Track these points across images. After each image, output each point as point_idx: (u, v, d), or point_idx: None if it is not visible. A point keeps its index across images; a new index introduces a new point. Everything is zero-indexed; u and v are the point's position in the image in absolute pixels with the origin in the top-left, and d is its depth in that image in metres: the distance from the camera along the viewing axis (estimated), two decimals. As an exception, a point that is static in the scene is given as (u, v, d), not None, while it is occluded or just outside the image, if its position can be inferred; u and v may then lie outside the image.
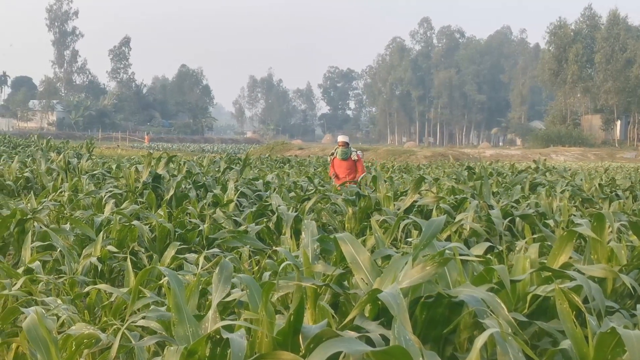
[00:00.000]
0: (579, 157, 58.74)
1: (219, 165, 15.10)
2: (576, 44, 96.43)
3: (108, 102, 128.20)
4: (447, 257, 3.14)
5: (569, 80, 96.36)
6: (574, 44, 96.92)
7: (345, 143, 13.99)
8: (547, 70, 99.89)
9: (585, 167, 33.24)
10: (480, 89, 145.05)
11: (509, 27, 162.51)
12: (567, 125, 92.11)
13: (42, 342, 3.09)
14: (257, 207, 8.90)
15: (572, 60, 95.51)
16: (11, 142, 34.04)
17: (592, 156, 59.21)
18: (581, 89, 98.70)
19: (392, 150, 52.37)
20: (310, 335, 2.55)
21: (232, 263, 3.21)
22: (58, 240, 5.93)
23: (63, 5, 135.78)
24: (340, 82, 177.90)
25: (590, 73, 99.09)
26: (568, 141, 78.43)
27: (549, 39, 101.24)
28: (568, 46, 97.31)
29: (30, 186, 12.58)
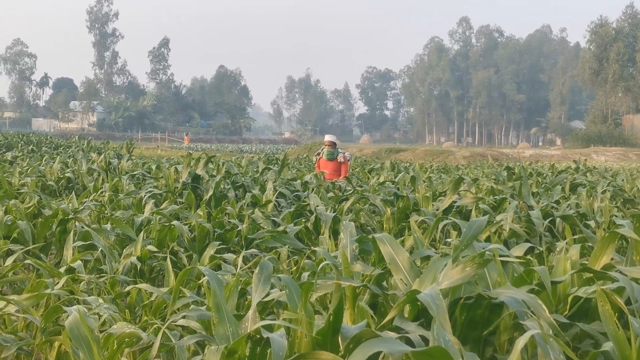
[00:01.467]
0: (620, 157, 57.96)
1: (257, 165, 15.13)
2: (617, 43, 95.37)
3: (147, 103, 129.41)
4: (487, 258, 3.12)
5: (609, 80, 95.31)
6: (615, 42, 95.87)
7: (332, 143, 13.84)
8: (588, 70, 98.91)
9: (626, 168, 32.79)
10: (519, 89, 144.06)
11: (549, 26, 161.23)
12: (608, 125, 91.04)
13: (85, 341, 3.13)
14: (295, 207, 8.92)
15: (613, 60, 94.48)
16: (52, 142, 34.42)
17: (634, 156, 58.37)
18: (622, 88, 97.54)
19: (430, 151, 52.13)
20: (349, 336, 2.55)
21: (271, 263, 3.22)
22: (99, 240, 5.99)
23: (103, 7, 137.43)
24: (378, 82, 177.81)
25: (631, 72, 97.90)
26: (609, 141, 77.52)
27: (590, 37, 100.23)
28: (609, 45, 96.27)
29: (71, 186, 12.71)
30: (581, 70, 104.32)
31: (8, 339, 3.73)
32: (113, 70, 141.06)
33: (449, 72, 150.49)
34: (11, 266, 5.23)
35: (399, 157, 43.74)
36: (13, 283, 5.69)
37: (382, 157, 43.07)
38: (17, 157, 22.34)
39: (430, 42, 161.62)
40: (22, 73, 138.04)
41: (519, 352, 2.36)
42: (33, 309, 4.01)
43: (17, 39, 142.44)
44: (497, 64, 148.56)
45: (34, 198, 8.54)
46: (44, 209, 7.90)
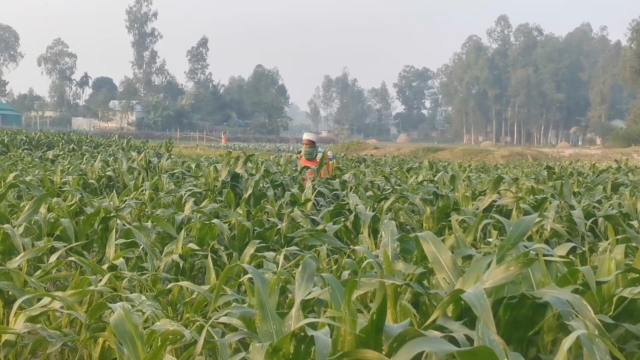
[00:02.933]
0: (662, 156, 57.12)
1: (295, 164, 15.16)
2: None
3: (186, 103, 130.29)
4: (531, 257, 3.09)
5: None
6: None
7: (309, 142, 12.81)
8: (629, 68, 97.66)
9: (668, 167, 32.32)
10: (558, 88, 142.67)
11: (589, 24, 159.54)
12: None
13: (129, 337, 3.16)
14: (334, 206, 8.92)
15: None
16: (93, 141, 34.83)
17: (676, 156, 57.49)
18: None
19: (468, 150, 51.86)
20: (393, 334, 2.54)
21: (313, 262, 3.22)
22: (141, 238, 6.05)
23: (142, 7, 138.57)
24: (416, 81, 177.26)
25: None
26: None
27: (631, 36, 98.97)
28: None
29: (112, 185, 12.83)
30: (622, 69, 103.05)
31: (53, 334, 3.78)
32: (152, 69, 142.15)
33: (487, 71, 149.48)
34: (55, 263, 5.29)
35: (437, 157, 43.57)
36: (56, 280, 5.76)
37: (420, 157, 42.91)
38: (58, 155, 22.65)
39: (468, 41, 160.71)
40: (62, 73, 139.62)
41: (565, 353, 2.34)
42: (77, 306, 4.05)
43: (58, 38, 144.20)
44: (536, 63, 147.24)
45: (76, 196, 8.64)
46: (85, 207, 7.98)
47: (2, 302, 4.51)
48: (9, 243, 5.79)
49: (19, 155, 23.76)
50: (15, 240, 5.65)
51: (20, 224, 6.34)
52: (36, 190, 7.96)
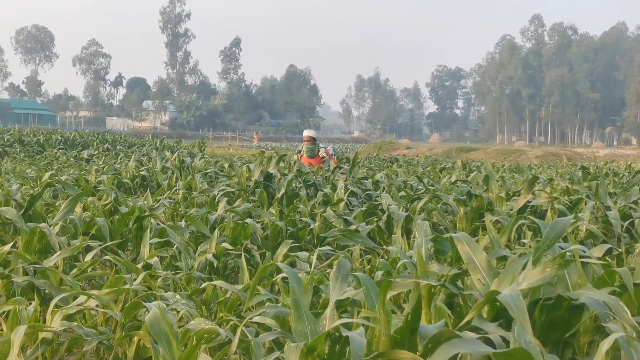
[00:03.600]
0: (699, 157, 56.38)
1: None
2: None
3: (218, 102, 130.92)
4: (568, 259, 3.07)
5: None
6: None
7: (311, 138, 12.84)
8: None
9: None
10: (593, 87, 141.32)
11: (624, 23, 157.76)
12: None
13: (164, 336, 3.18)
14: (367, 206, 8.91)
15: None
16: (127, 141, 35.10)
17: None
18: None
19: (501, 150, 51.50)
20: (428, 335, 2.53)
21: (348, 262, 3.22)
22: (175, 237, 6.08)
23: (176, 7, 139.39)
24: (449, 80, 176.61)
25: None
26: (687, 141, 75.45)
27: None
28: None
29: (146, 184, 12.92)
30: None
31: (89, 333, 3.81)
32: (185, 69, 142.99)
33: (520, 71, 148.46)
34: (90, 262, 5.34)
35: (470, 157, 43.33)
36: (91, 279, 5.81)
37: (453, 157, 42.70)
38: (93, 155, 22.85)
39: (501, 40, 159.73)
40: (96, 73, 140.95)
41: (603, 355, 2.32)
42: (112, 304, 4.08)
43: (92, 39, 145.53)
44: (570, 62, 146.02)
45: (110, 195, 8.71)
46: (120, 206, 8.04)
47: (39, 300, 4.56)
48: (45, 242, 5.86)
49: (55, 154, 23.99)
50: (52, 239, 5.71)
51: (56, 223, 6.40)
52: (72, 190, 8.03)
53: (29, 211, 6.85)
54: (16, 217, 6.26)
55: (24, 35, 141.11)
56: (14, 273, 4.96)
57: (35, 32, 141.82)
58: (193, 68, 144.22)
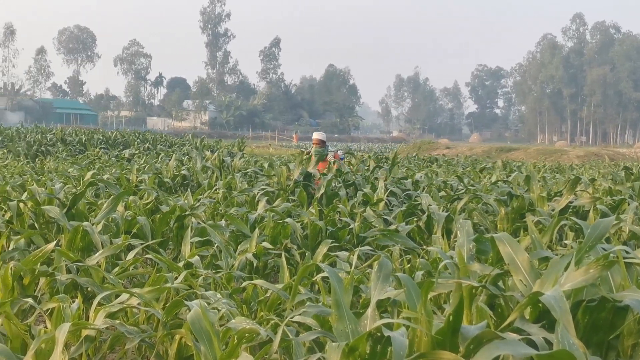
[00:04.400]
0: None
1: (367, 164, 15.15)
2: None
3: (258, 102, 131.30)
4: (611, 260, 3.03)
5: None
6: None
7: (320, 141, 12.07)
8: None
9: None
10: (636, 87, 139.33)
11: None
12: None
13: (206, 335, 3.20)
14: (406, 206, 8.88)
15: None
16: (167, 141, 35.38)
17: None
18: None
19: (542, 150, 50.98)
20: (470, 336, 2.52)
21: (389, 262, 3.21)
22: (215, 236, 6.11)
23: (216, 7, 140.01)
24: (489, 80, 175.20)
25: None
26: None
27: None
28: None
29: (186, 183, 13.03)
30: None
31: (131, 330, 3.84)
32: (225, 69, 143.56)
33: (562, 70, 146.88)
34: (132, 260, 5.39)
35: (510, 157, 42.98)
36: (132, 277, 5.86)
37: (493, 156, 42.40)
38: (134, 154, 23.10)
39: (542, 39, 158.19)
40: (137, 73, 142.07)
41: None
42: (154, 302, 4.11)
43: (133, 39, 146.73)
44: (613, 61, 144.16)
45: (152, 194, 8.79)
46: (161, 205, 8.11)
47: (82, 298, 4.61)
48: (88, 240, 5.93)
49: (96, 154, 24.28)
50: (94, 237, 5.77)
51: (99, 222, 6.48)
52: (113, 189, 8.13)
53: (71, 210, 6.94)
54: (59, 215, 6.34)
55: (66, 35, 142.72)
56: (57, 271, 5.02)
57: (77, 33, 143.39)
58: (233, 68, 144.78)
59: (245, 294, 4.84)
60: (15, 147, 25.98)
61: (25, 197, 7.35)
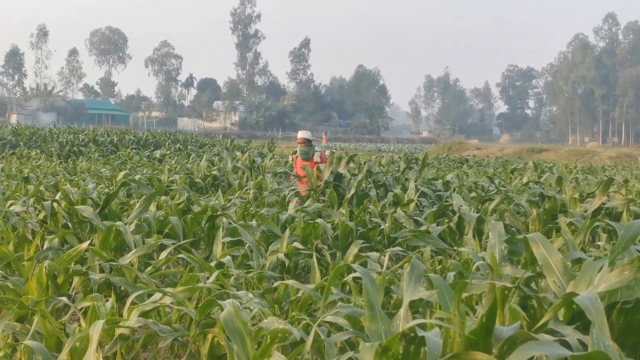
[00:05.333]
0: None
1: (398, 165, 15.13)
2: None
3: (287, 103, 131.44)
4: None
5: None
6: None
7: (305, 140, 11.57)
8: None
9: None
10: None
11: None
12: None
13: (238, 334, 3.21)
14: (437, 207, 8.86)
15: None
16: (198, 141, 35.58)
17: None
18: None
19: (573, 151, 50.54)
20: (503, 337, 2.51)
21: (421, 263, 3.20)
22: (247, 236, 6.14)
23: (246, 8, 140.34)
24: (520, 80, 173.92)
25: None
26: None
27: None
28: None
29: (217, 184, 13.09)
30: None
31: (164, 329, 3.87)
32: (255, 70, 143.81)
33: (594, 70, 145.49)
34: (165, 260, 5.43)
35: (541, 157, 42.65)
36: (164, 276, 5.90)
37: (524, 157, 42.11)
38: (165, 155, 23.24)
39: (574, 40, 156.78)
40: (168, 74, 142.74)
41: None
42: (187, 302, 4.14)
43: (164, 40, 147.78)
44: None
45: (183, 195, 8.83)
46: (192, 206, 8.15)
47: (115, 296, 4.65)
48: (121, 240, 5.98)
49: (128, 154, 24.47)
50: (127, 237, 5.82)
51: (131, 222, 6.53)
52: (145, 189, 8.18)
53: (104, 210, 7.00)
54: (93, 215, 6.40)
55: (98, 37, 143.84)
56: (91, 270, 5.08)
57: (109, 34, 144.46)
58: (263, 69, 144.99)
59: (276, 293, 4.86)
60: (48, 147, 26.25)
61: (59, 197, 7.43)
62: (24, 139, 29.79)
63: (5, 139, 29.28)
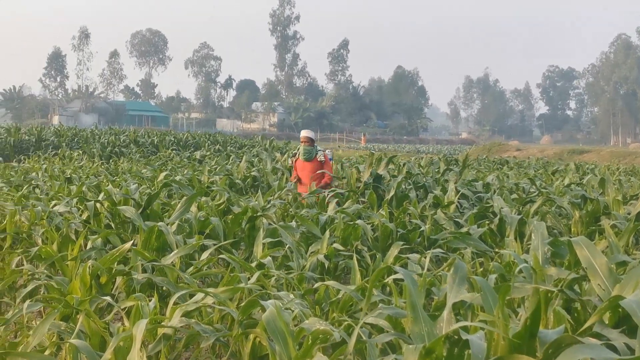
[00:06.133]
0: None
1: (438, 166, 15.06)
2: None
3: (326, 104, 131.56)
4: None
5: None
6: None
7: (308, 139, 11.33)
8: None
9: None
10: None
11: None
12: None
13: (280, 335, 3.22)
14: (478, 208, 8.81)
15: None
16: (237, 142, 35.77)
17: None
18: None
19: (616, 152, 49.92)
20: (548, 340, 2.49)
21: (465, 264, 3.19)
22: (287, 237, 6.15)
23: (285, 10, 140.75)
24: (560, 81, 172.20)
25: None
26: None
27: None
28: None
29: (256, 185, 13.15)
30: None
31: (207, 329, 3.89)
32: (293, 71, 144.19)
33: (636, 71, 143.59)
34: (206, 260, 5.47)
35: (583, 159, 42.20)
36: (205, 277, 5.94)
37: (565, 159, 41.71)
38: (205, 156, 23.39)
39: (616, 40, 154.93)
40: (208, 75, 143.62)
41: None
42: (229, 302, 4.16)
43: (204, 42, 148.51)
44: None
45: (224, 195, 8.88)
46: (232, 206, 8.19)
47: (157, 296, 4.69)
48: (163, 240, 6.03)
49: (168, 155, 24.68)
50: (169, 237, 5.87)
51: (173, 222, 6.58)
52: (186, 190, 8.24)
53: (146, 210, 7.07)
54: (135, 215, 6.47)
55: (139, 39, 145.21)
56: (133, 270, 5.13)
57: (149, 36, 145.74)
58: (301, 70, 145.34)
59: (317, 294, 4.86)
60: (90, 148, 26.57)
61: (101, 198, 7.52)
62: (67, 140, 30.18)
63: (48, 140, 29.67)
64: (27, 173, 14.02)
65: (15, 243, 7.11)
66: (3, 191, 10.50)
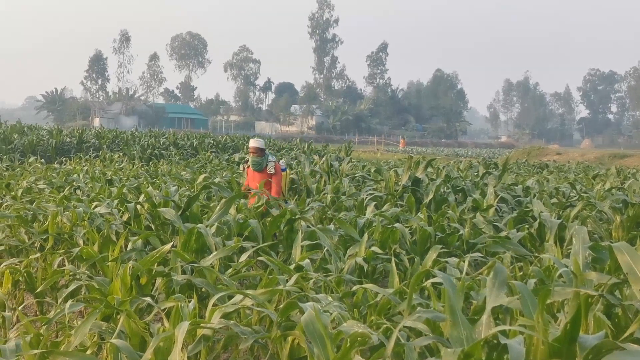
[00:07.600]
0: None
1: (477, 169, 14.97)
2: None
3: (364, 107, 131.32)
4: None
5: None
6: None
7: (257, 149, 10.41)
8: None
9: None
10: None
11: None
12: None
13: (319, 337, 3.23)
14: (517, 212, 8.74)
15: None
16: (275, 145, 35.88)
17: None
18: None
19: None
20: (588, 346, 2.47)
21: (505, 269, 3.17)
22: (325, 240, 6.16)
23: (324, 13, 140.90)
24: (602, 84, 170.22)
25: None
26: None
27: None
28: None
29: (294, 187, 13.16)
30: None
31: (245, 331, 3.92)
32: (332, 74, 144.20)
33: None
34: (245, 262, 5.50)
35: (624, 163, 41.67)
36: (244, 279, 5.97)
37: (606, 163, 41.21)
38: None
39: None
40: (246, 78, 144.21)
41: None
42: (267, 304, 4.18)
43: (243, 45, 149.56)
44: None
45: (262, 198, 8.91)
46: (271, 209, 8.22)
47: (196, 297, 4.72)
48: (202, 242, 6.07)
49: (207, 157, 24.81)
50: (209, 239, 5.91)
51: (212, 224, 6.62)
52: (225, 192, 8.29)
53: (186, 212, 7.13)
54: (175, 217, 6.53)
55: (179, 42, 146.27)
56: (173, 271, 5.17)
57: (189, 39, 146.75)
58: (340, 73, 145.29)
59: (355, 297, 4.86)
60: (130, 150, 26.83)
61: (142, 199, 7.59)
62: (107, 142, 30.49)
63: (89, 142, 30.00)
64: (69, 175, 14.17)
65: (57, 244, 7.20)
66: (45, 192, 10.64)
